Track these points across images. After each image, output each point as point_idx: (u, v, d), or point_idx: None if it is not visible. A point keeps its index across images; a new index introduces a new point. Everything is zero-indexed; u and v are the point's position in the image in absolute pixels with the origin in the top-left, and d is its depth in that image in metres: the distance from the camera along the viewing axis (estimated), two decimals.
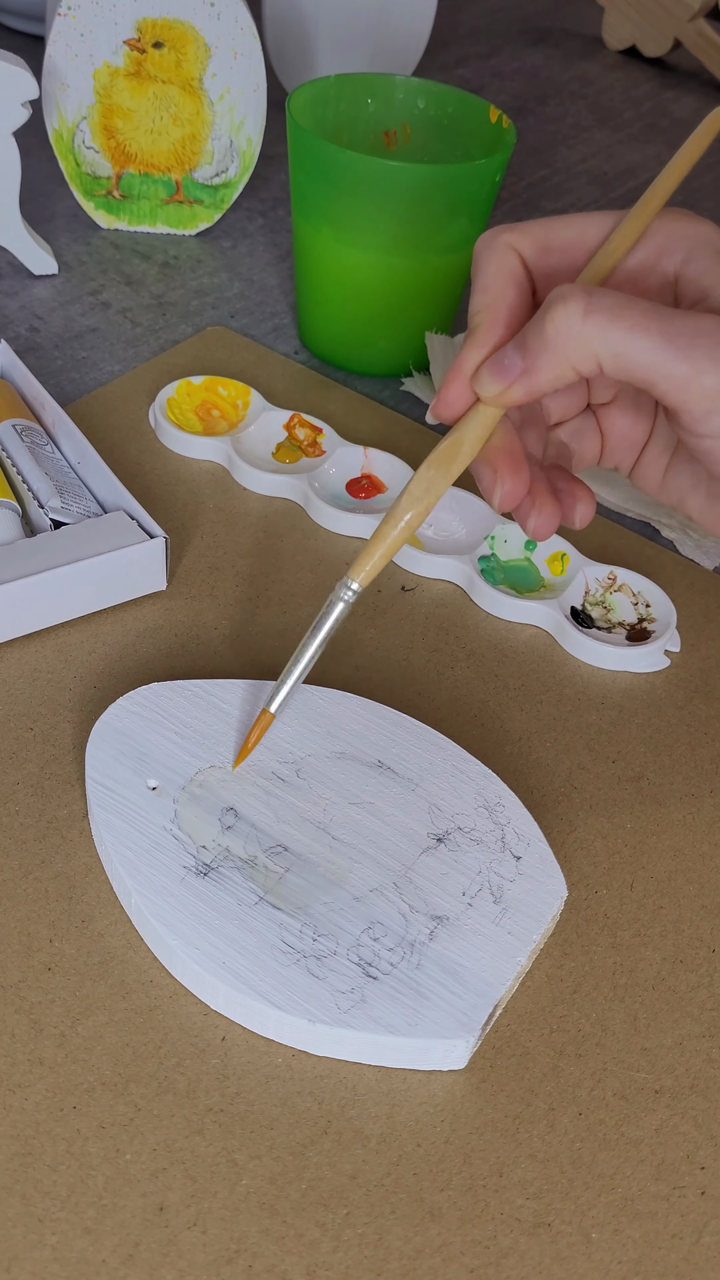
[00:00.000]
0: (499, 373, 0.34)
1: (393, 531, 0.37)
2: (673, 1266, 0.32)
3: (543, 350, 0.33)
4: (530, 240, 0.36)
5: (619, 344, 0.32)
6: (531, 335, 0.33)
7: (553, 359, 0.33)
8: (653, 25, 0.99)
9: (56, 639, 0.46)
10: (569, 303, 0.32)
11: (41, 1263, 0.31)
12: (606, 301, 0.32)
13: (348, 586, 0.37)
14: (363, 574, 0.37)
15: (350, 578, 0.37)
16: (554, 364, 0.33)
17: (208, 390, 0.57)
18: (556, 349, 0.33)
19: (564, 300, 0.32)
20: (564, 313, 0.32)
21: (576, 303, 0.32)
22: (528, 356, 0.33)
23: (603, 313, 0.32)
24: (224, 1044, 0.35)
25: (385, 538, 0.37)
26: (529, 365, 0.33)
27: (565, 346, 0.32)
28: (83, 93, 0.63)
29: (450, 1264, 0.32)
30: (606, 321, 0.32)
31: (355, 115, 0.61)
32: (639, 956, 0.39)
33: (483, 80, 0.95)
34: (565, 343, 0.32)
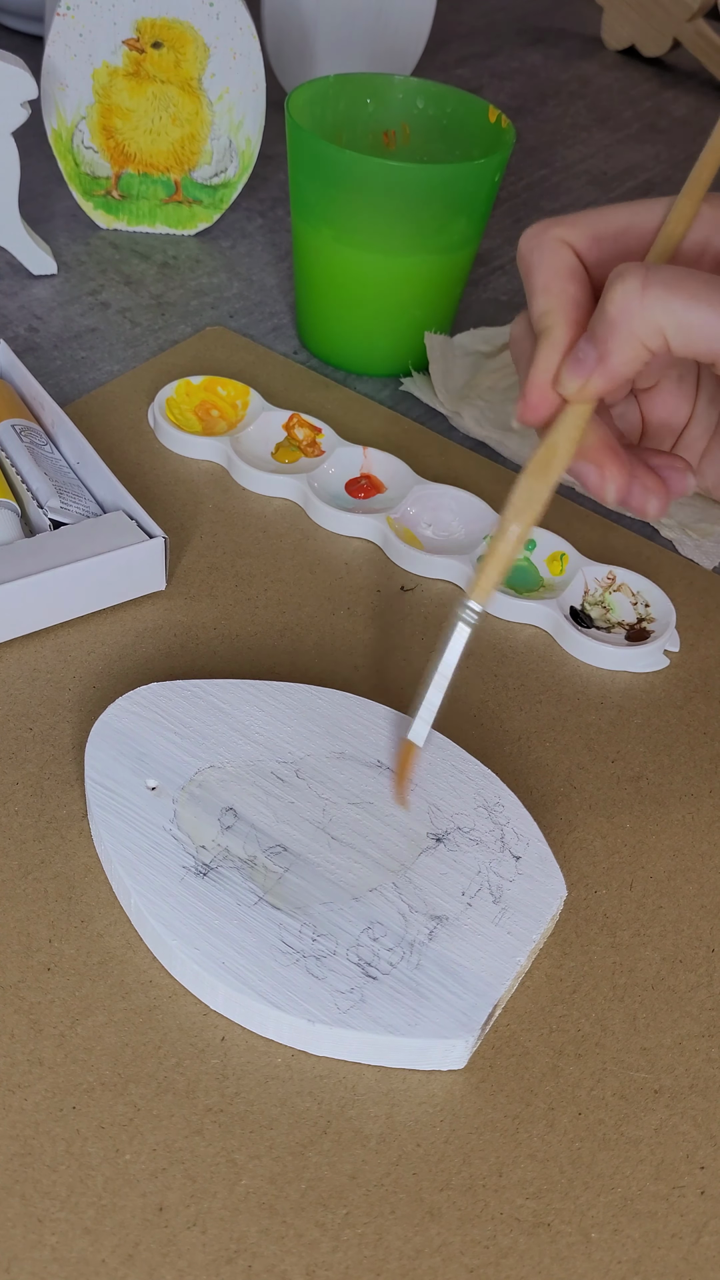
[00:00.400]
0: (576, 368, 0.34)
1: (505, 548, 0.36)
2: (672, 1266, 0.32)
3: (610, 333, 0.33)
4: (581, 232, 0.35)
5: (681, 314, 0.32)
6: (597, 321, 0.33)
7: (621, 340, 0.32)
8: (652, 25, 0.99)
9: (56, 639, 0.46)
10: (627, 279, 0.32)
11: (41, 1263, 0.31)
12: (664, 275, 0.32)
13: (469, 608, 0.37)
14: (483, 593, 0.37)
15: (470, 599, 0.37)
16: (624, 345, 0.33)
17: (207, 390, 0.57)
18: (622, 327, 0.32)
19: (622, 278, 0.32)
20: (623, 289, 0.32)
21: (634, 278, 0.32)
22: (598, 344, 0.33)
23: (661, 285, 0.32)
24: (223, 1044, 0.35)
25: (498, 555, 0.36)
26: (601, 352, 0.33)
27: (630, 323, 0.32)
28: (82, 93, 0.63)
29: (450, 1264, 0.32)
30: (666, 294, 0.32)
31: (354, 115, 0.61)
32: (638, 956, 0.39)
33: (482, 80, 0.95)
34: (629, 320, 0.32)
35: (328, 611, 0.49)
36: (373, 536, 0.52)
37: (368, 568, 0.51)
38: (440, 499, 0.53)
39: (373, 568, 0.51)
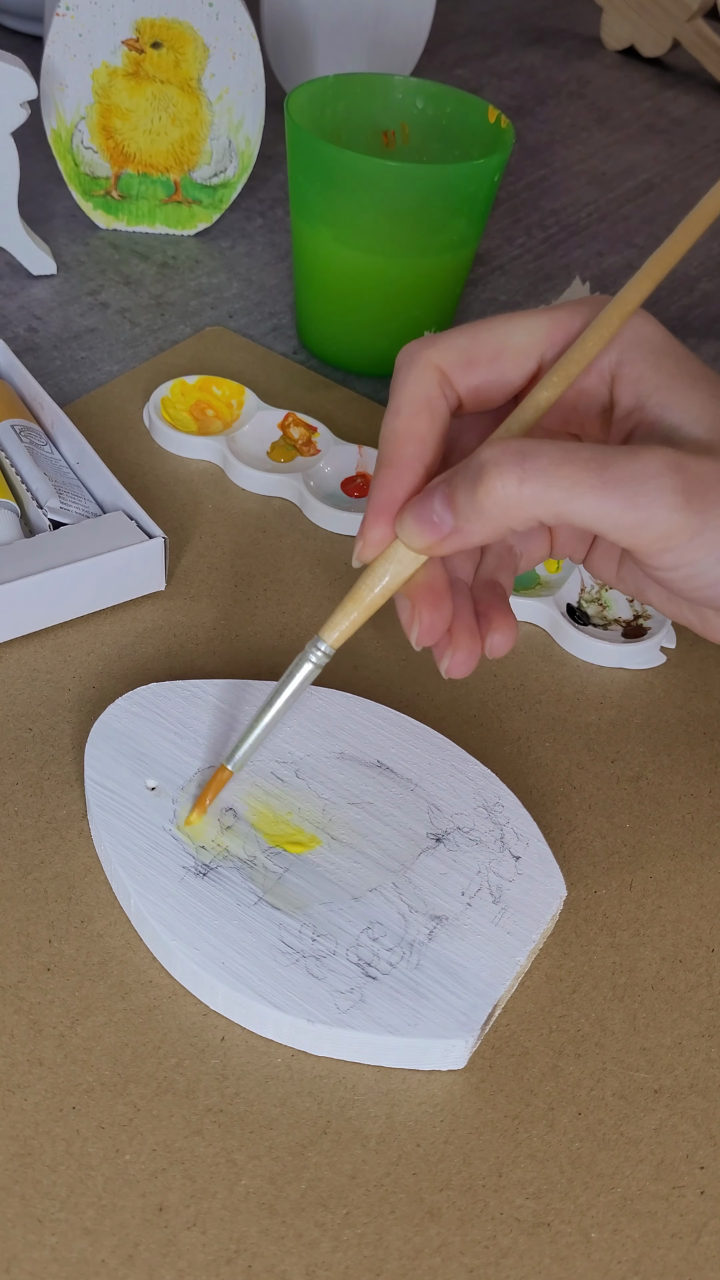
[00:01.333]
0: (426, 527, 0.32)
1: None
2: (672, 1266, 0.32)
3: (475, 515, 0.31)
4: (453, 356, 0.34)
5: (559, 504, 0.30)
6: (462, 495, 0.31)
7: (487, 524, 0.31)
8: (651, 25, 0.99)
9: (55, 639, 0.46)
10: (503, 469, 0.30)
11: (41, 1263, 0.31)
12: (541, 463, 0.30)
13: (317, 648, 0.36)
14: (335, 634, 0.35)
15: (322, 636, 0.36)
16: (489, 528, 0.31)
17: (202, 390, 0.57)
18: (492, 515, 0.31)
19: (497, 466, 0.30)
20: (499, 482, 0.30)
21: (510, 471, 0.30)
22: (459, 517, 0.31)
23: (538, 478, 0.30)
24: (223, 1044, 0.35)
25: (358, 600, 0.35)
26: (460, 526, 0.32)
27: (502, 514, 0.31)
28: (81, 93, 0.63)
29: (450, 1264, 0.32)
30: (544, 485, 0.30)
31: (354, 115, 0.61)
32: (638, 956, 0.39)
33: (481, 80, 0.95)
34: (501, 511, 0.31)
35: (327, 611, 0.49)
36: None
37: None
38: None
39: None
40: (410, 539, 0.33)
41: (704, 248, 0.78)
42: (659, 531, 0.30)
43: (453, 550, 0.32)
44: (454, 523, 0.32)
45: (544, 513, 0.30)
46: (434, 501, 0.32)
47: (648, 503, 0.30)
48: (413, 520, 0.32)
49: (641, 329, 0.34)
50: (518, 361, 0.34)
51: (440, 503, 0.32)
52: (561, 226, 0.78)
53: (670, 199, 0.83)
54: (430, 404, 0.34)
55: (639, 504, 0.30)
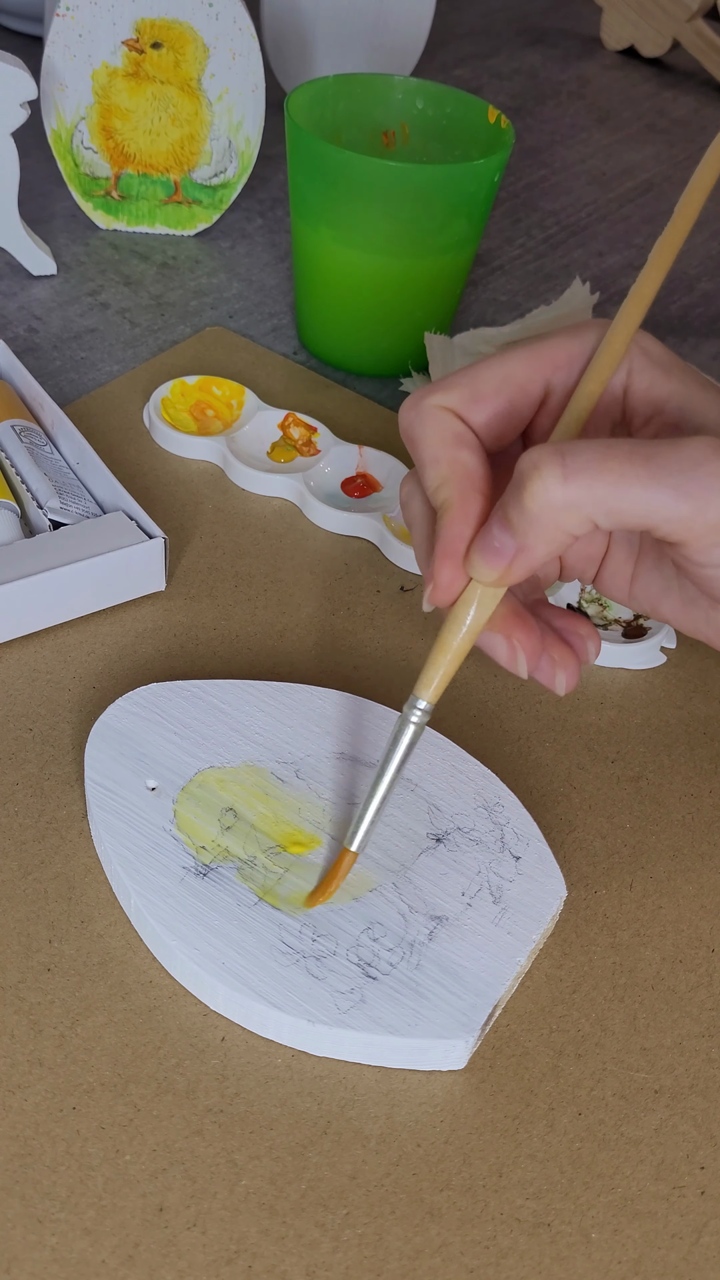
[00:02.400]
0: (492, 557, 0.32)
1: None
2: (672, 1266, 0.32)
3: (530, 526, 0.30)
4: (458, 396, 0.33)
5: (609, 500, 0.29)
6: (514, 511, 0.31)
7: (544, 532, 0.30)
8: (651, 25, 0.99)
9: (55, 639, 0.46)
10: (544, 471, 0.30)
11: (41, 1263, 0.31)
12: (583, 459, 0.29)
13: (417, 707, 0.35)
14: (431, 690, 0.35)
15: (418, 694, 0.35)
16: (547, 536, 0.30)
17: (202, 390, 0.57)
18: (545, 521, 0.30)
19: (537, 469, 0.30)
20: (542, 483, 0.30)
21: (552, 469, 0.29)
22: (517, 535, 0.31)
23: (583, 473, 0.29)
24: (223, 1044, 0.35)
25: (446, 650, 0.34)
26: (521, 544, 0.31)
27: (554, 517, 0.30)
28: (81, 93, 0.63)
29: (450, 1264, 0.32)
30: (590, 480, 0.29)
31: (354, 116, 0.61)
32: (638, 956, 0.39)
33: (481, 80, 0.95)
34: (553, 513, 0.30)
35: (327, 611, 0.49)
36: (369, 535, 0.52)
37: (367, 568, 0.51)
38: None
39: (372, 567, 0.51)
40: (481, 573, 0.32)
41: (704, 248, 0.78)
42: (713, 520, 0.29)
43: (522, 574, 0.32)
44: (514, 543, 0.31)
45: (594, 510, 0.30)
46: (493, 529, 0.31)
47: (699, 490, 0.29)
48: (478, 554, 0.32)
49: (640, 341, 0.34)
50: (524, 390, 0.34)
51: (498, 528, 0.31)
52: (561, 226, 0.78)
53: (670, 199, 0.83)
54: (460, 438, 0.33)
55: (690, 492, 0.29)
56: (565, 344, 0.34)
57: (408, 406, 0.34)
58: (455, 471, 0.33)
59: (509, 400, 0.34)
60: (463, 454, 0.33)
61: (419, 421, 0.34)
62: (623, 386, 0.34)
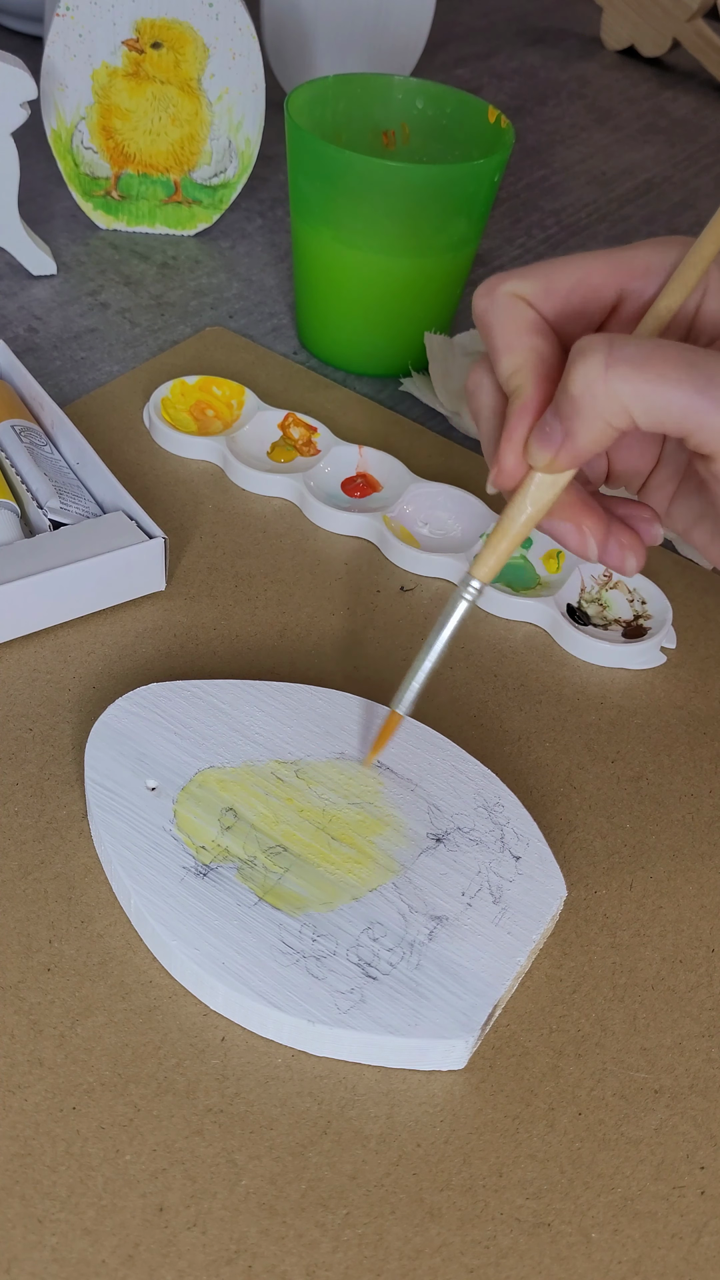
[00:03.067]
0: (543, 441, 0.32)
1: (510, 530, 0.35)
2: (673, 1266, 0.32)
3: (574, 413, 0.31)
4: (533, 285, 0.34)
5: (648, 396, 0.30)
6: (562, 397, 0.31)
7: (586, 419, 0.31)
8: (651, 25, 0.99)
9: (55, 639, 0.46)
10: (589, 356, 0.30)
11: (41, 1263, 0.31)
12: (629, 351, 0.30)
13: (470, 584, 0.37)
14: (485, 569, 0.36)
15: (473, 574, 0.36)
16: (589, 425, 0.31)
17: (202, 390, 0.57)
18: (586, 408, 0.30)
19: (584, 354, 0.30)
20: (585, 368, 0.30)
21: (597, 356, 0.30)
22: (564, 420, 0.31)
23: (626, 363, 0.30)
24: (223, 1044, 0.35)
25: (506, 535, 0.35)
26: (566, 429, 0.31)
27: (595, 403, 0.30)
28: (81, 93, 0.63)
29: (450, 1264, 0.32)
30: (631, 372, 0.30)
31: (354, 116, 0.61)
32: (638, 956, 0.39)
33: (481, 80, 0.95)
34: (594, 400, 0.30)
35: (328, 611, 0.49)
36: (369, 535, 0.52)
37: (367, 568, 0.51)
38: (436, 497, 0.53)
39: (372, 567, 0.51)
40: (534, 457, 0.33)
41: None
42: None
43: (569, 461, 0.32)
44: (561, 429, 0.32)
45: (632, 403, 0.30)
46: (546, 417, 0.32)
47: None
48: (533, 438, 0.33)
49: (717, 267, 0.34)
50: (596, 294, 0.34)
51: (550, 413, 0.32)
52: (561, 226, 0.78)
53: (670, 199, 0.83)
54: (535, 325, 0.33)
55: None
56: (646, 255, 0.34)
57: (482, 293, 0.34)
58: (530, 358, 0.33)
59: (582, 299, 0.34)
60: (538, 341, 0.33)
61: (493, 308, 0.34)
62: (696, 305, 0.34)
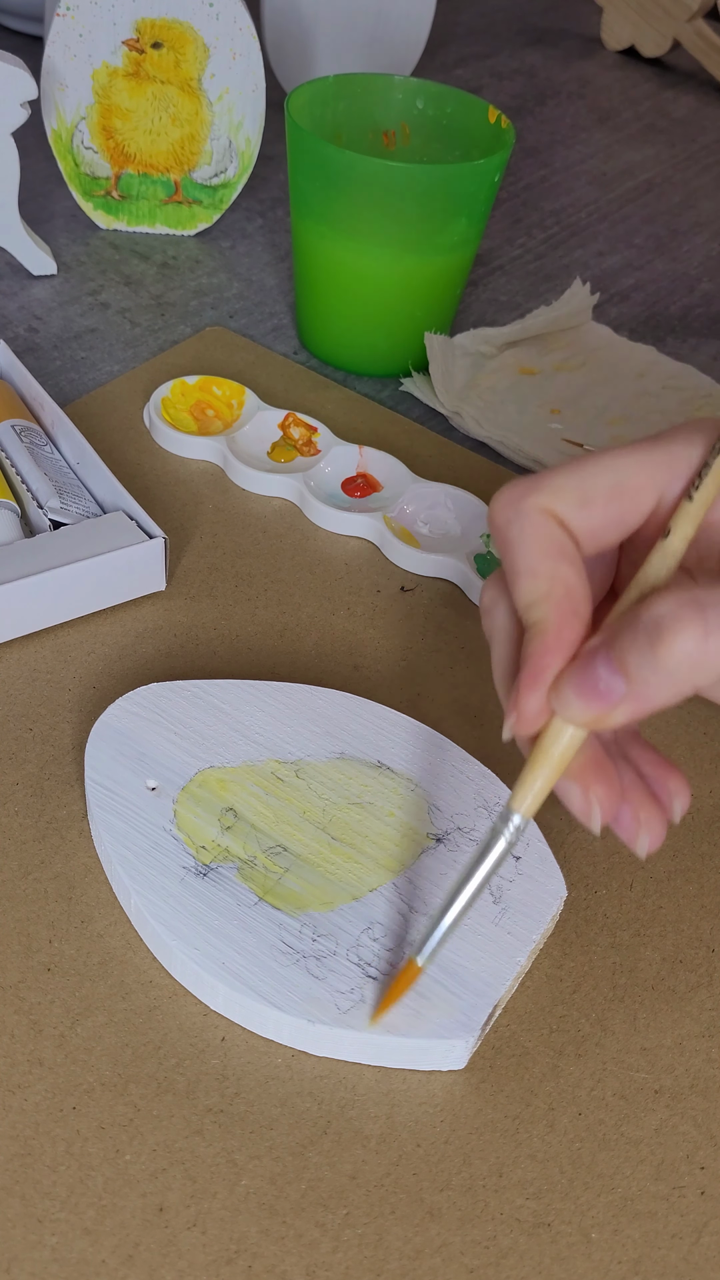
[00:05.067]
0: (593, 699, 0.29)
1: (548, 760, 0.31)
2: (673, 1266, 0.32)
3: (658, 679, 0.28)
4: (566, 500, 0.30)
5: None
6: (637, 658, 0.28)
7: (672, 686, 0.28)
8: (651, 25, 0.99)
9: (55, 639, 0.46)
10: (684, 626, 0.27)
11: (41, 1263, 0.31)
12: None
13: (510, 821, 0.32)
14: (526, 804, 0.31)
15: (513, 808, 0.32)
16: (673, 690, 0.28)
17: (202, 390, 0.57)
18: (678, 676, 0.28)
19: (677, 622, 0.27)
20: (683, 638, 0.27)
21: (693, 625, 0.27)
22: (634, 682, 0.28)
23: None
24: (223, 1044, 0.35)
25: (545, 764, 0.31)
26: (637, 692, 0.28)
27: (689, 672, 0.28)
28: (81, 93, 0.63)
29: (450, 1264, 0.32)
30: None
31: (354, 116, 0.61)
32: (638, 956, 0.39)
33: (481, 80, 0.95)
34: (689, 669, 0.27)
35: (328, 611, 0.49)
36: (370, 535, 0.52)
37: (367, 567, 0.51)
38: (436, 497, 0.53)
39: (372, 567, 0.51)
40: (573, 712, 0.29)
41: (704, 248, 0.78)
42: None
43: (625, 720, 0.29)
44: (624, 688, 0.28)
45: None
46: (598, 668, 0.29)
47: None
48: (574, 691, 0.29)
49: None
50: (636, 500, 0.31)
51: (605, 668, 0.29)
52: (562, 226, 0.78)
53: (670, 199, 0.83)
54: (562, 550, 0.30)
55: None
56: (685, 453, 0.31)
57: (505, 503, 0.31)
58: (555, 589, 0.30)
59: (620, 509, 0.31)
60: (564, 568, 0.30)
61: (516, 523, 0.30)
62: None
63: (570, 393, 0.61)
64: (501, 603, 0.32)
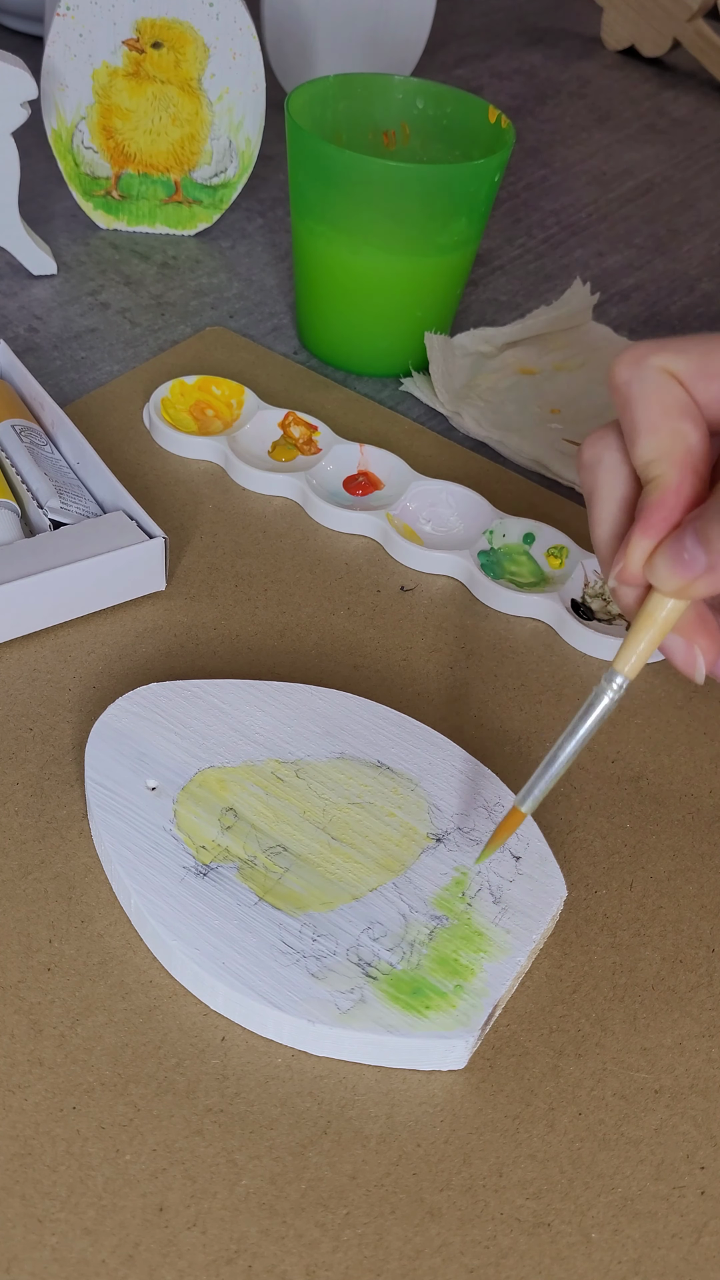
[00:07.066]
0: (679, 568, 0.29)
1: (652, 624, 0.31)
2: (673, 1266, 0.32)
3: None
4: (689, 362, 0.29)
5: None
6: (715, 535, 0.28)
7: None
8: (651, 25, 0.99)
9: (56, 639, 0.46)
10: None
11: (41, 1263, 0.30)
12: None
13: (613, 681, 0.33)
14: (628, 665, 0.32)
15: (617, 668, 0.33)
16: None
17: (201, 390, 0.57)
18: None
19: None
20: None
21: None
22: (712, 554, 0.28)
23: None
24: (223, 1044, 0.35)
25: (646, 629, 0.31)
26: (714, 563, 0.28)
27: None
28: (81, 93, 0.63)
29: (450, 1264, 0.32)
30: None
31: (354, 116, 0.61)
32: (638, 956, 0.39)
33: (481, 80, 0.95)
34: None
35: (328, 611, 0.49)
36: (372, 533, 0.52)
37: (368, 567, 0.51)
38: (438, 494, 0.53)
39: (373, 566, 0.51)
40: (662, 579, 0.29)
41: (704, 248, 0.78)
42: None
43: (707, 593, 0.29)
44: (706, 561, 0.28)
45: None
46: (686, 539, 0.29)
47: None
48: (664, 558, 0.29)
49: None
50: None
51: (692, 539, 0.29)
52: (562, 226, 0.78)
53: (670, 199, 0.83)
54: (685, 409, 0.30)
55: None
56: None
57: (628, 361, 0.30)
58: (677, 445, 0.29)
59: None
60: (687, 428, 0.29)
61: (639, 380, 0.30)
62: None
63: (570, 393, 0.61)
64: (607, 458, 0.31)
